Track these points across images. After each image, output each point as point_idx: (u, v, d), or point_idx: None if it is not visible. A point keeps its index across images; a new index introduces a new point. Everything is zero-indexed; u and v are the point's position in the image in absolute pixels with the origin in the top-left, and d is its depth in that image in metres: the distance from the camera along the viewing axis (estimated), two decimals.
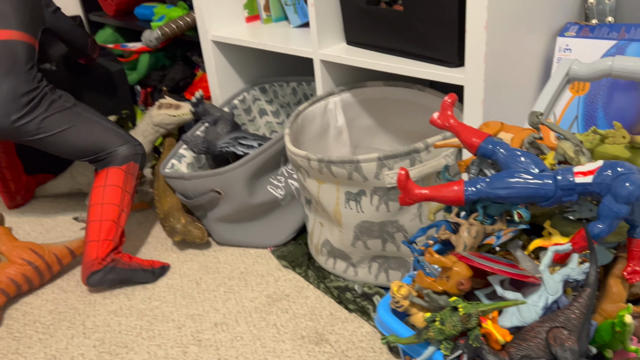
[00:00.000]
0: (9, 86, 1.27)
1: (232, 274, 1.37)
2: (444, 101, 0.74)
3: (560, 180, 0.63)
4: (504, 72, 1.08)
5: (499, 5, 0.99)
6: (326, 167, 1.12)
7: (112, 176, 1.36)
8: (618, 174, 0.59)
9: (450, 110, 0.74)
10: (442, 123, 0.75)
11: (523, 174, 0.65)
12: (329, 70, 1.34)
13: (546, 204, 0.65)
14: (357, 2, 1.22)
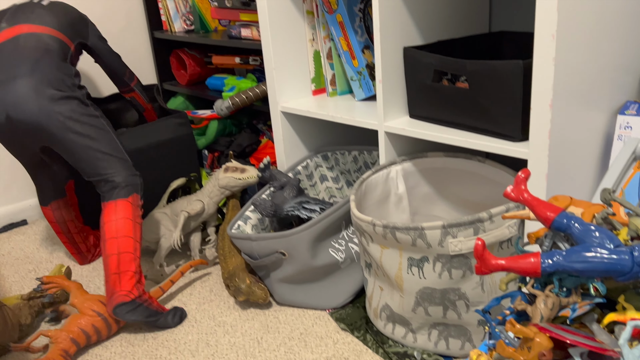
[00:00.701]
0: (42, 70, 1.43)
1: (292, 334, 1.40)
2: (517, 176, 0.79)
3: (637, 256, 0.66)
4: (567, 148, 1.12)
5: (564, 85, 1.05)
6: (390, 232, 1.17)
7: (120, 209, 1.43)
8: None
9: (524, 185, 0.79)
10: (516, 196, 0.79)
11: (599, 249, 0.68)
12: (392, 141, 1.41)
13: (623, 279, 0.67)
14: (423, 80, 1.31)
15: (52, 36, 1.51)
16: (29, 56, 1.44)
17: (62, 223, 1.75)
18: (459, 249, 1.13)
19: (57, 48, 1.50)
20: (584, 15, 1.04)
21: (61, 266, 1.64)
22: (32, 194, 2.22)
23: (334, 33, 1.53)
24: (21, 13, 1.54)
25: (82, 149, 1.45)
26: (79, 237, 1.80)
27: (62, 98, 1.43)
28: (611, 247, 0.68)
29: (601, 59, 1.15)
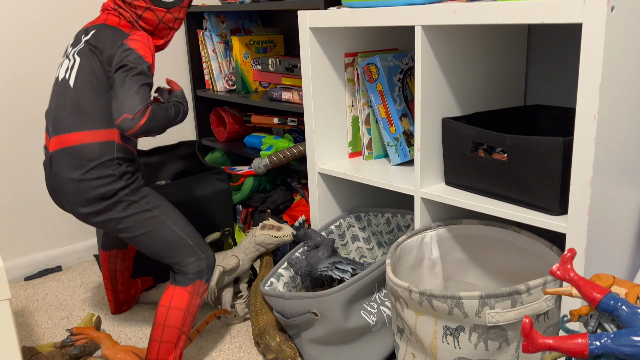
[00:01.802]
0: (74, 179, 1.37)
1: None
2: (564, 255, 0.80)
3: None
4: (606, 224, 1.14)
5: (604, 162, 1.08)
6: (427, 300, 1.18)
7: (177, 298, 1.43)
8: None
9: (570, 264, 0.80)
10: (562, 275, 0.80)
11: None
12: (427, 207, 1.44)
13: None
14: (460, 149, 1.34)
15: (94, 143, 1.48)
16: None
17: (113, 271, 1.79)
18: (497, 320, 1.14)
19: (97, 151, 1.50)
20: (625, 95, 1.08)
21: (92, 315, 1.67)
22: (68, 241, 2.28)
23: (373, 101, 1.59)
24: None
25: (137, 244, 1.45)
26: (122, 287, 1.83)
27: (102, 210, 1.42)
28: None
29: (636, 135, 1.18)
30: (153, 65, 1.40)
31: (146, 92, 1.33)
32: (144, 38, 1.39)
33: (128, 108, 1.29)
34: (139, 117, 1.29)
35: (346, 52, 1.66)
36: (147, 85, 1.35)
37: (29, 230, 2.18)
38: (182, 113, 1.44)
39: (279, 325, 1.60)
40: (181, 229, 1.45)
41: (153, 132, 1.34)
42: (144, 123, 1.30)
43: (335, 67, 1.65)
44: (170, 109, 1.39)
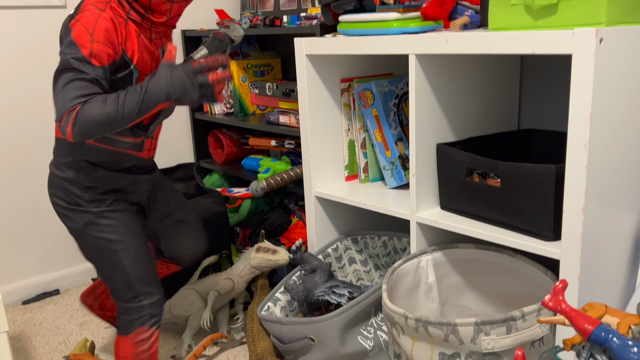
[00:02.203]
0: (50, 169, 1.31)
1: None
2: (555, 286, 0.81)
3: None
4: (599, 249, 1.15)
5: (596, 189, 1.09)
6: (423, 327, 1.18)
7: (122, 348, 1.33)
8: None
9: (562, 295, 0.81)
10: (554, 306, 0.81)
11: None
12: (423, 231, 1.45)
13: None
14: (455, 175, 1.36)
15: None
16: None
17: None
18: (492, 347, 1.14)
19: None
20: (615, 124, 1.10)
21: (86, 340, 1.66)
22: (66, 264, 2.28)
23: (369, 125, 1.61)
24: None
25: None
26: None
27: (71, 212, 1.33)
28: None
29: (633, 163, 1.19)
30: (117, 52, 1.14)
31: (74, 90, 1.07)
32: (88, 16, 1.10)
33: (56, 113, 1.09)
34: (65, 124, 1.06)
35: (342, 78, 1.68)
36: (79, 80, 1.08)
37: (27, 253, 2.18)
38: (141, 103, 1.10)
39: (276, 350, 1.60)
40: (134, 269, 1.30)
41: (95, 135, 1.10)
42: (71, 130, 1.06)
43: (332, 92, 1.68)
44: (117, 99, 1.09)
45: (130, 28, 1.17)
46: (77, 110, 1.06)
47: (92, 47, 1.09)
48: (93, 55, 1.09)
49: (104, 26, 1.10)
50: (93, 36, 1.09)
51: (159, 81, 1.11)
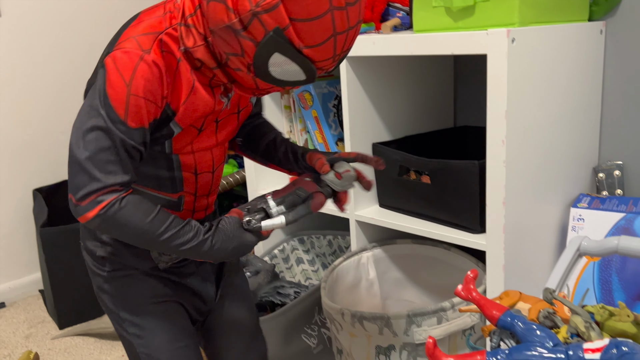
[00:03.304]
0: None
1: None
2: (466, 275, 0.85)
3: (571, 355, 0.72)
4: (523, 240, 1.20)
5: (516, 183, 1.14)
6: (358, 321, 1.21)
7: None
8: (622, 354, 0.67)
9: (472, 284, 0.85)
10: (465, 295, 0.85)
11: (539, 348, 0.74)
12: (363, 229, 1.48)
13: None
14: (390, 173, 1.40)
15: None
16: None
17: None
18: (424, 338, 1.18)
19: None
20: (534, 119, 1.15)
21: (29, 352, 1.64)
22: (11, 277, 2.23)
23: (309, 127, 1.64)
24: None
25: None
26: None
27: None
28: (550, 347, 0.74)
29: (553, 157, 1.25)
30: (160, 106, 0.82)
31: (105, 165, 0.78)
32: (127, 58, 0.78)
33: (74, 185, 0.79)
34: (85, 208, 0.79)
35: None
36: (111, 152, 0.79)
37: None
38: (187, 249, 0.82)
39: None
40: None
41: (115, 236, 0.83)
42: (92, 219, 0.79)
43: (272, 94, 1.69)
44: (166, 226, 0.81)
45: (182, 69, 0.83)
46: (111, 204, 0.78)
47: (128, 104, 0.78)
48: (129, 115, 0.79)
49: (144, 75, 0.79)
50: (130, 88, 0.78)
51: (224, 244, 0.84)
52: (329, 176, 0.91)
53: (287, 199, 0.86)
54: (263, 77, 0.78)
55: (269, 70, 0.77)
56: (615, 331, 0.84)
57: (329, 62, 0.77)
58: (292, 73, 0.77)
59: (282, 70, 0.77)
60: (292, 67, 0.76)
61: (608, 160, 1.42)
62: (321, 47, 0.74)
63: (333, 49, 0.76)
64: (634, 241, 0.93)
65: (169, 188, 0.91)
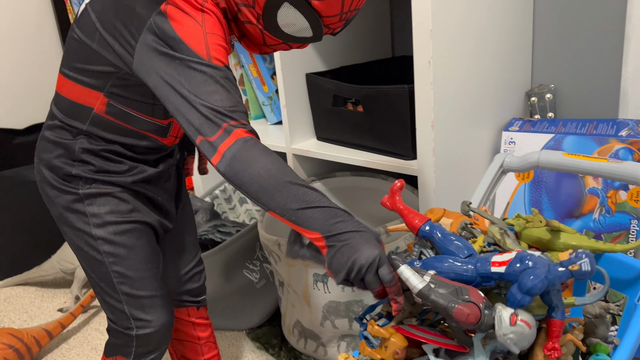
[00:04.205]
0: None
1: None
2: (392, 185, 0.85)
3: (479, 267, 0.73)
4: (454, 164, 1.21)
5: (445, 106, 1.13)
6: None
7: None
8: (525, 268, 0.69)
9: (398, 195, 0.85)
10: (390, 206, 0.85)
11: (451, 260, 0.75)
12: (300, 163, 1.46)
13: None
14: (325, 104, 1.37)
15: None
16: None
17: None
18: None
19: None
20: (462, 41, 1.14)
21: None
22: None
23: (243, 60, 1.58)
24: None
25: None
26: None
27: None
28: (463, 258, 0.75)
29: (484, 80, 1.25)
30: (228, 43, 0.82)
31: (222, 94, 0.74)
32: (190, 4, 0.76)
33: (192, 128, 0.75)
34: (219, 138, 0.73)
35: None
36: (220, 84, 0.74)
37: None
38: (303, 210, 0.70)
39: None
40: (131, 284, 0.97)
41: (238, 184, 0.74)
42: (227, 148, 0.72)
43: None
44: (294, 183, 0.71)
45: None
46: (237, 142, 0.72)
47: (207, 42, 0.74)
48: (211, 54, 0.74)
49: (212, 18, 0.76)
50: (204, 27, 0.75)
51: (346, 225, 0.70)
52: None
53: (447, 286, 0.69)
54: (271, 30, 0.80)
55: (277, 22, 0.78)
56: (532, 239, 0.86)
57: (337, 19, 0.79)
58: (300, 27, 0.79)
59: (289, 23, 0.78)
60: (300, 21, 0.78)
61: (540, 84, 1.44)
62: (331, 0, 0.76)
63: (341, 5, 0.77)
64: (554, 155, 0.95)
65: (160, 114, 0.91)
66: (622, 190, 1.24)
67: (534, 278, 0.67)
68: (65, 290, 1.82)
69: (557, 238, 0.82)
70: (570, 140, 1.26)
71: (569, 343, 0.79)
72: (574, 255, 0.67)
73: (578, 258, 0.67)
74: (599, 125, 1.29)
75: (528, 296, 0.67)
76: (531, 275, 0.67)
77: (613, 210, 1.26)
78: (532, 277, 0.67)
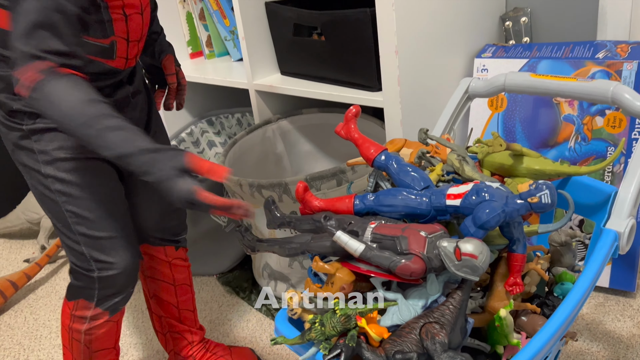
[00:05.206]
0: None
1: None
2: (347, 113, 0.79)
3: (433, 200, 0.68)
4: (423, 93, 1.14)
5: (409, 32, 1.06)
6: (257, 190, 1.16)
7: (63, 311, 0.99)
8: (481, 200, 0.63)
9: (352, 123, 0.79)
10: (345, 135, 0.79)
11: (405, 193, 0.69)
12: (264, 100, 1.39)
13: (425, 220, 0.69)
14: (286, 34, 1.29)
15: None
16: None
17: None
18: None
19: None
20: None
21: None
22: None
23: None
24: None
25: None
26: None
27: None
28: (418, 191, 0.69)
29: (455, 3, 1.16)
30: None
31: (42, 40, 0.72)
32: None
33: (16, 51, 0.72)
34: (22, 82, 0.72)
35: None
36: (49, 27, 0.72)
37: None
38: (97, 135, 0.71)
39: None
40: (88, 225, 0.91)
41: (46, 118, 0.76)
42: (28, 93, 0.72)
43: None
44: (94, 115, 0.71)
45: None
46: (42, 81, 0.71)
47: None
48: None
49: None
50: None
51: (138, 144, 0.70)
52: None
53: (386, 239, 0.64)
54: None
55: None
56: (494, 165, 0.80)
57: None
58: None
59: None
60: None
61: (515, 7, 1.35)
62: None
63: None
64: (521, 76, 0.88)
65: (98, 33, 0.83)
66: (598, 116, 1.18)
67: (490, 212, 0.62)
68: (34, 241, 1.78)
69: (519, 163, 0.76)
70: (545, 64, 1.19)
71: (533, 273, 0.75)
72: (534, 186, 0.61)
73: (538, 190, 0.61)
74: (575, 48, 1.22)
75: (482, 230, 0.62)
76: (487, 209, 0.62)
77: (589, 137, 1.20)
78: (488, 211, 0.62)
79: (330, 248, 0.68)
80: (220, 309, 1.34)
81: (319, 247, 0.69)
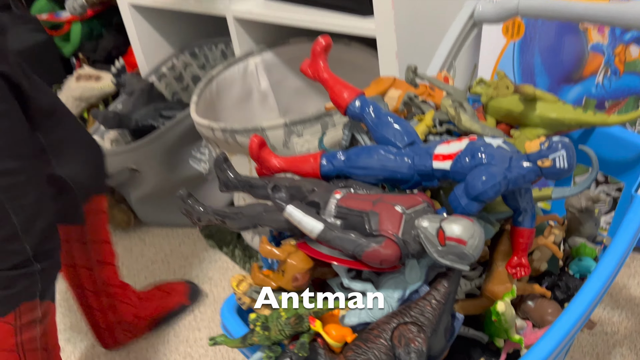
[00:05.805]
0: None
1: (156, 257, 1.28)
2: (314, 46, 0.62)
3: (417, 164, 0.52)
4: (419, 20, 0.96)
5: None
6: (231, 136, 1.01)
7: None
8: (477, 164, 0.48)
9: (321, 59, 0.63)
10: (312, 74, 0.64)
11: (382, 152, 0.54)
12: (245, 28, 1.22)
13: (407, 186, 0.54)
14: None
15: None
16: None
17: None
18: (307, 149, 1.00)
19: None
20: None
21: None
22: None
23: None
24: None
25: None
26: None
27: None
28: (399, 150, 0.54)
29: None
30: None
31: None
32: None
33: None
34: None
35: None
36: None
37: None
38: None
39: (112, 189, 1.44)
40: (21, 220, 0.77)
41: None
42: None
43: None
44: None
45: None
46: None
47: None
48: None
49: None
50: None
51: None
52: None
53: (353, 214, 0.50)
54: None
55: None
56: (501, 112, 0.64)
57: None
58: None
59: None
60: None
61: None
62: None
63: None
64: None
65: None
66: (633, 44, 0.99)
67: (487, 179, 0.47)
68: None
69: (531, 109, 0.60)
70: None
71: (543, 248, 0.61)
72: (546, 145, 0.46)
73: (551, 150, 0.45)
74: None
75: (476, 203, 0.47)
76: (483, 175, 0.47)
77: (621, 71, 1.01)
78: (485, 178, 0.47)
79: (285, 223, 0.54)
80: (201, 265, 1.23)
81: (273, 221, 0.55)
